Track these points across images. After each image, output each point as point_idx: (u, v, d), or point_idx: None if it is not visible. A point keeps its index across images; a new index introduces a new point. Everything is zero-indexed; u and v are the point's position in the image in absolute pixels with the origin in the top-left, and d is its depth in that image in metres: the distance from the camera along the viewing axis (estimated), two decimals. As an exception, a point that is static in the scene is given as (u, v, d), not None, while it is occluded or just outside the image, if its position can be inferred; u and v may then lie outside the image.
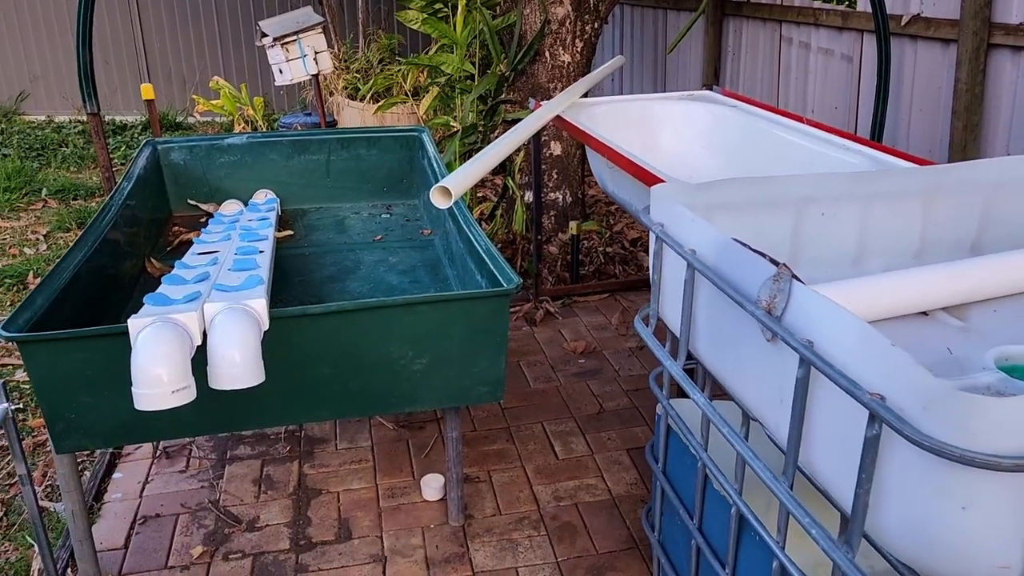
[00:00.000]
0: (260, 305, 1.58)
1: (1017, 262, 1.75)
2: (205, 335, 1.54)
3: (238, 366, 1.46)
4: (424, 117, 4.83)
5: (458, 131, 4.18)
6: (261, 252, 2.07)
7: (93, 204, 5.16)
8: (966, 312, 1.72)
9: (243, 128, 6.25)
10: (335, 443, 2.67)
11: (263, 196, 3.04)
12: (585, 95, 3.28)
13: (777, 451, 1.36)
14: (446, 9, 4.43)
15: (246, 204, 3.00)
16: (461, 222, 2.32)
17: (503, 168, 4.17)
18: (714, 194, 1.73)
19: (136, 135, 6.90)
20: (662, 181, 2.16)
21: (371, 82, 5.48)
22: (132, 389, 1.41)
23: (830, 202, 1.79)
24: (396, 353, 1.84)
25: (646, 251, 4.07)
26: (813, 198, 1.78)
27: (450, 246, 2.57)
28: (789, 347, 1.19)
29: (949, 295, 1.70)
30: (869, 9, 3.48)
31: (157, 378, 1.38)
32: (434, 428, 2.72)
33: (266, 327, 1.61)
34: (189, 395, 1.41)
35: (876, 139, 3.41)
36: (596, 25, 4.04)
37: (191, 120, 7.24)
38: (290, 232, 2.94)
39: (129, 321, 1.48)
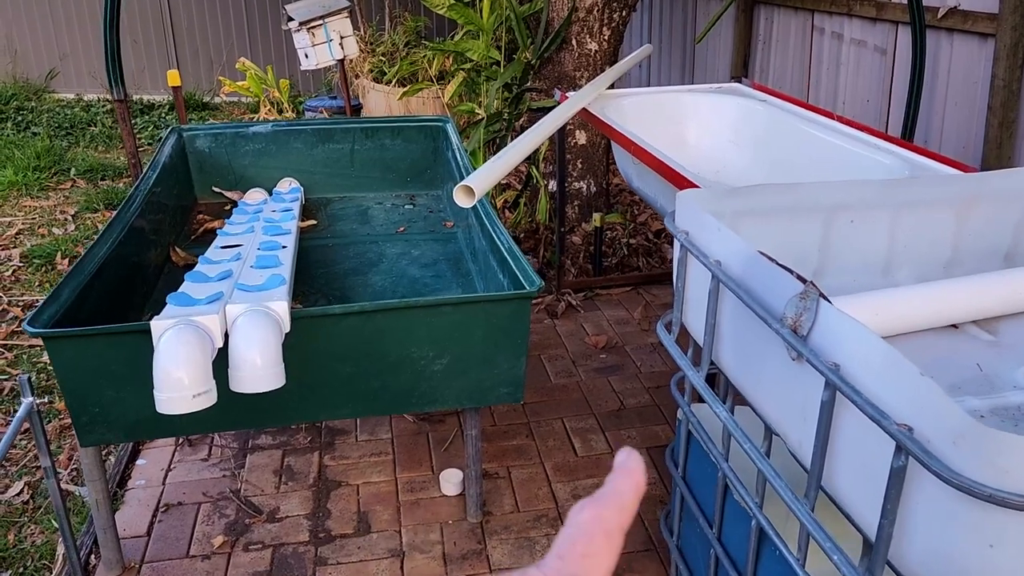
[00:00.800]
0: (282, 308, 1.58)
1: (1051, 275, 1.71)
2: (227, 336, 1.55)
3: (259, 369, 1.47)
4: (449, 103, 4.80)
5: (483, 119, 4.15)
6: (284, 248, 2.07)
7: (121, 185, 5.20)
8: (996, 326, 1.68)
9: (268, 110, 6.26)
10: (355, 435, 2.68)
11: (287, 185, 3.04)
12: (612, 86, 3.24)
13: (796, 462, 1.35)
14: (473, -6, 4.40)
15: (270, 193, 3.00)
16: (484, 219, 2.31)
17: (528, 156, 4.14)
18: (741, 201, 1.70)
19: (164, 115, 6.94)
20: (686, 180, 2.14)
21: (397, 67, 5.45)
22: (154, 392, 1.42)
23: (860, 209, 1.75)
24: (417, 353, 1.84)
25: (670, 243, 4.03)
26: (843, 205, 1.75)
27: (473, 241, 2.56)
28: (815, 369, 1.17)
29: (980, 308, 1.67)
30: (904, 0, 3.40)
31: (178, 382, 1.38)
32: (454, 422, 2.72)
33: (287, 329, 1.61)
34: (210, 399, 1.42)
35: (908, 135, 3.34)
36: (624, 13, 3.99)
37: (217, 100, 7.26)
38: (313, 221, 2.94)
39: (152, 323, 1.49)
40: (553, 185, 4.07)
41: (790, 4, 4.44)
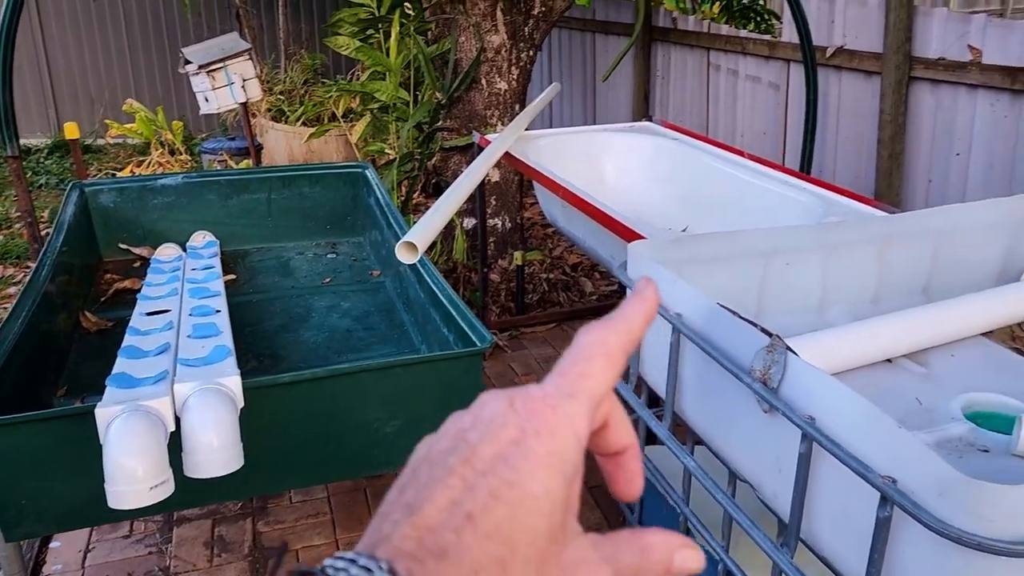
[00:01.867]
0: (235, 383, 1.51)
1: (969, 307, 1.83)
2: (177, 417, 1.46)
3: (216, 452, 1.39)
4: (358, 144, 4.75)
5: (395, 159, 4.13)
6: (218, 312, 1.99)
7: (2, 237, 4.87)
8: (926, 358, 1.79)
9: (160, 152, 6.02)
10: (289, 496, 2.58)
11: (201, 239, 2.92)
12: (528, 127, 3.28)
13: (756, 498, 1.38)
14: (377, 35, 4.37)
15: (183, 247, 2.88)
16: (420, 269, 2.29)
17: (439, 195, 4.13)
18: (687, 249, 1.75)
19: (42, 159, 6.57)
20: (627, 228, 2.18)
21: (301, 107, 5.36)
22: (105, 487, 1.32)
23: (794, 253, 1.83)
24: (370, 416, 1.79)
25: (587, 276, 4.10)
26: (779, 249, 1.82)
27: (406, 291, 2.53)
28: (791, 422, 1.21)
29: (911, 342, 1.77)
30: (795, 40, 3.59)
31: (132, 473, 1.30)
32: (391, 476, 2.66)
33: (242, 404, 1.54)
34: (167, 490, 1.34)
35: (806, 167, 3.53)
36: (531, 53, 4.05)
37: (100, 143, 6.93)
38: (232, 276, 2.84)
39: (96, 411, 1.39)
40: (468, 223, 4.07)
41: (686, 42, 4.62)
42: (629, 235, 2.00)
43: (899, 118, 3.42)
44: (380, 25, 4.19)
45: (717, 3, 5.88)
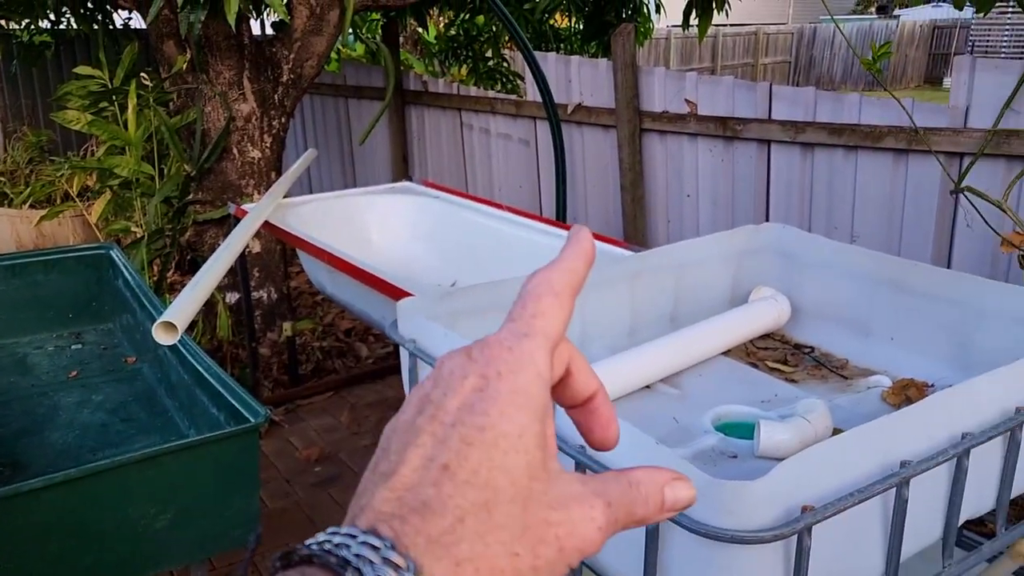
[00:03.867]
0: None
1: (709, 331, 2.03)
2: None
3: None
4: (98, 224, 4.41)
5: (143, 237, 3.88)
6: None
7: None
8: (679, 380, 1.95)
9: None
10: (47, 620, 2.29)
11: (-86, 341, 2.56)
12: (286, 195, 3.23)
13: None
14: (112, 107, 4.11)
15: None
16: (182, 349, 2.15)
17: (196, 271, 3.93)
18: (455, 302, 1.79)
19: None
20: (389, 284, 2.19)
21: (28, 188, 4.89)
22: None
23: (556, 296, 1.94)
24: (136, 514, 1.64)
25: (363, 341, 4.06)
26: (541, 294, 1.92)
27: (167, 375, 2.37)
28: (566, 453, 1.27)
29: (665, 368, 1.92)
30: (539, 99, 3.85)
31: None
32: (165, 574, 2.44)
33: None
34: None
35: (561, 216, 3.76)
36: (284, 119, 4.00)
37: None
38: (-43, 380, 2.51)
39: None
40: (231, 297, 3.90)
41: (438, 104, 4.79)
42: (398, 294, 2.02)
43: (636, 166, 3.74)
44: (115, 97, 3.95)
45: (464, 66, 6.17)
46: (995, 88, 2.70)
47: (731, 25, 15.47)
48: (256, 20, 4.13)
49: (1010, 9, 15.15)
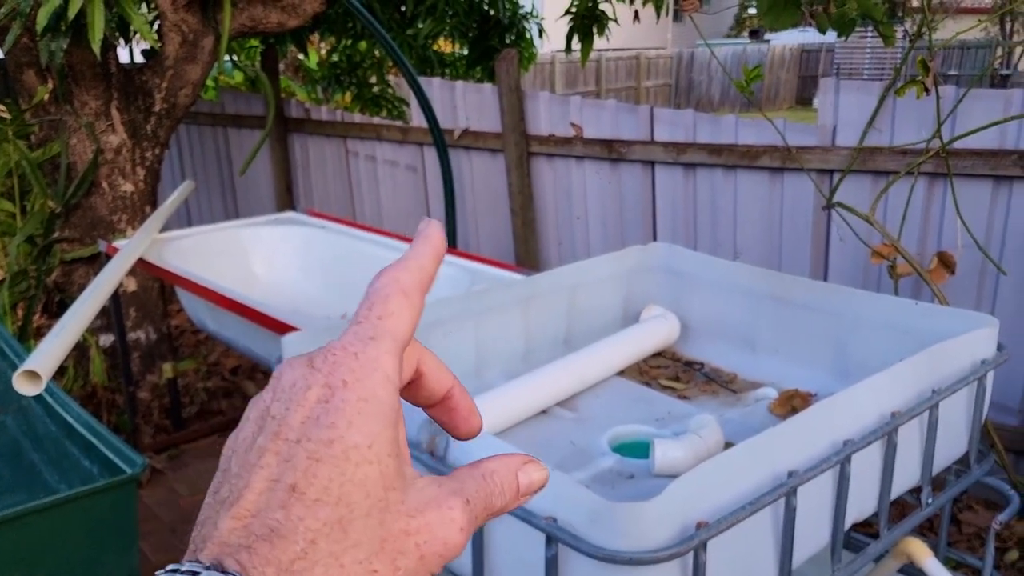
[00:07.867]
0: None
1: (603, 352, 2.04)
2: None
3: None
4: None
5: (4, 279, 3.62)
6: None
7: None
8: (576, 403, 1.94)
9: None
10: None
11: None
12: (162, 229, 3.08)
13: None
14: (-36, 142, 3.84)
15: None
16: (50, 400, 2.00)
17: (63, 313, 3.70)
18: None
19: None
20: (273, 319, 2.11)
21: None
22: None
23: (450, 322, 1.90)
24: (-5, 583, 1.50)
25: (251, 379, 3.90)
26: (437, 321, 1.88)
27: (33, 427, 2.20)
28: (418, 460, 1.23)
29: (560, 391, 1.91)
30: (425, 124, 3.82)
31: None
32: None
33: None
34: None
35: (451, 242, 3.73)
36: (158, 151, 3.83)
37: None
38: None
39: None
40: (105, 340, 3.68)
41: (322, 132, 4.69)
42: (284, 329, 1.94)
43: (525, 189, 3.76)
44: (-31, 131, 3.69)
45: (349, 93, 6.08)
46: (858, 108, 2.85)
47: (613, 50, 15.96)
48: (125, 48, 3.95)
49: (869, 34, 16.24)
